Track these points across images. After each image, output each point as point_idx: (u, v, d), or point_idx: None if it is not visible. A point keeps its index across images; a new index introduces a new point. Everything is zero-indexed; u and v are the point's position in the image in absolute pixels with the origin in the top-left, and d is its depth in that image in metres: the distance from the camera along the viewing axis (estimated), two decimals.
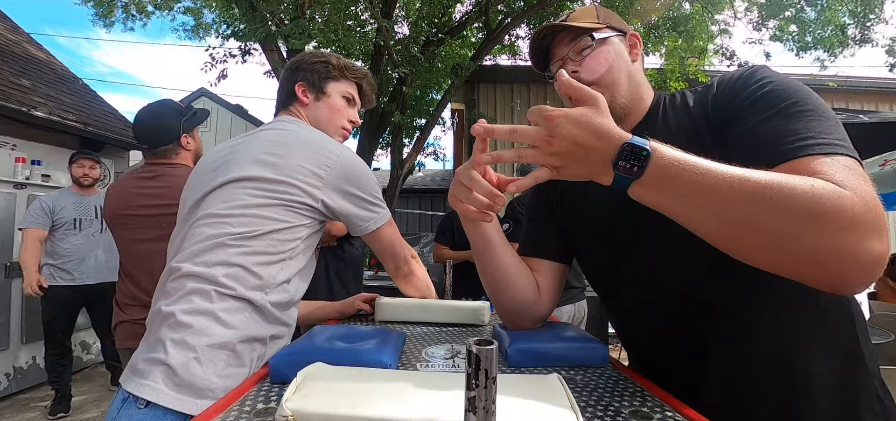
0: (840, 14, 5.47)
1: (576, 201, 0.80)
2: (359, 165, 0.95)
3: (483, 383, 0.29)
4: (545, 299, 0.80)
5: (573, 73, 0.71)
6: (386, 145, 6.46)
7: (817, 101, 0.56)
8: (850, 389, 0.60)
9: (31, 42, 5.40)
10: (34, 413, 3.10)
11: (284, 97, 1.05)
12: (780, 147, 0.53)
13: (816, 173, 0.48)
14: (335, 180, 0.90)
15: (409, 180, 6.99)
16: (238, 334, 0.78)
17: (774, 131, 0.55)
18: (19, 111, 3.47)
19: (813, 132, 0.52)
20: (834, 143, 0.51)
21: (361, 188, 0.94)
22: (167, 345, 0.73)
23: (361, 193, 0.94)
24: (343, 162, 0.91)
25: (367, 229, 0.95)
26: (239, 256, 0.81)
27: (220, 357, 0.75)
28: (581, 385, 0.59)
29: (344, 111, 1.06)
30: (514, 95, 6.37)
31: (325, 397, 0.46)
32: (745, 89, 0.61)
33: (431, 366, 0.69)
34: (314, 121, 1.03)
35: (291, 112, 1.03)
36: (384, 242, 0.99)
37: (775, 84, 0.58)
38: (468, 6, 5.87)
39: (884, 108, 6.66)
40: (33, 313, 3.46)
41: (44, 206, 2.94)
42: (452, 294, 1.37)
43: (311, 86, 1.03)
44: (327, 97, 1.04)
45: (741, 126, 0.58)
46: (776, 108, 0.56)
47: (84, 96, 4.89)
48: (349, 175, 0.92)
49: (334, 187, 0.90)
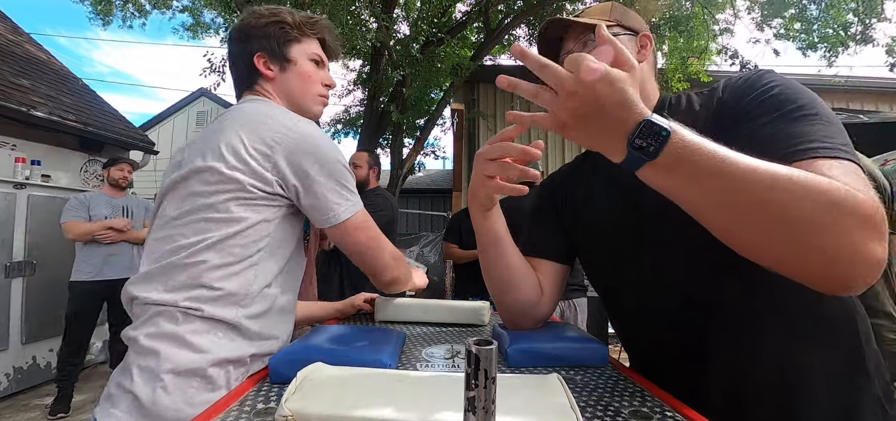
0: (843, 11, 5.47)
1: (578, 202, 0.80)
2: (322, 141, 0.77)
3: (482, 383, 0.29)
4: (547, 300, 0.80)
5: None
6: (386, 145, 6.46)
7: (822, 106, 0.57)
8: (851, 393, 0.59)
9: (31, 42, 5.39)
10: (34, 413, 3.10)
11: (244, 75, 0.88)
12: (786, 148, 0.53)
13: (823, 175, 0.48)
14: (288, 153, 0.74)
15: (409, 180, 6.99)
16: (209, 358, 0.67)
17: (780, 133, 0.55)
18: (19, 111, 3.47)
19: (818, 136, 0.52)
20: (838, 148, 0.51)
21: (324, 166, 0.76)
22: (133, 372, 0.67)
23: (322, 175, 0.76)
24: (299, 134, 0.75)
25: (329, 220, 0.77)
26: (200, 274, 0.70)
27: (190, 384, 0.66)
28: (581, 385, 0.59)
29: (315, 75, 0.90)
30: (513, 96, 6.35)
31: (325, 398, 0.46)
32: (751, 92, 0.61)
33: (431, 366, 0.69)
34: (286, 96, 0.88)
35: (257, 92, 0.87)
36: (356, 239, 0.81)
37: (782, 87, 0.59)
38: (468, 6, 5.87)
39: (884, 107, 6.66)
40: (34, 314, 3.47)
41: (81, 201, 3.10)
42: (455, 294, 1.37)
43: (272, 55, 0.86)
44: (294, 65, 0.88)
45: (747, 127, 0.59)
46: (782, 110, 0.56)
47: (84, 96, 4.89)
48: (307, 149, 0.75)
49: (287, 161, 0.74)
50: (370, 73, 5.10)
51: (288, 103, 0.87)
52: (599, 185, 0.77)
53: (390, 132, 5.76)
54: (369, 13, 4.66)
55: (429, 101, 6.48)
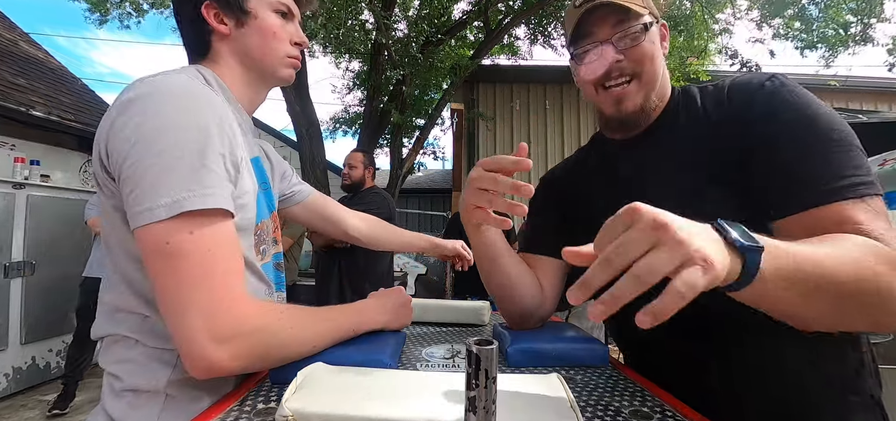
0: (842, 11, 5.48)
1: (579, 200, 0.80)
2: (141, 115, 0.52)
3: (483, 383, 0.29)
4: (548, 298, 0.80)
5: (616, 62, 0.66)
6: (385, 145, 6.46)
7: (842, 126, 0.56)
8: (852, 395, 0.60)
9: (30, 42, 5.39)
10: (33, 413, 3.10)
11: (191, 37, 0.70)
12: (815, 189, 0.53)
13: (855, 223, 0.50)
14: (102, 139, 0.55)
15: (409, 180, 6.99)
16: (166, 378, 0.58)
17: (808, 170, 0.55)
18: (18, 111, 3.47)
19: (843, 171, 0.53)
20: (862, 183, 0.52)
21: (131, 151, 0.51)
22: (105, 391, 0.61)
23: (126, 161, 0.51)
24: (119, 106, 0.53)
25: (133, 222, 0.52)
26: (131, 301, 0.58)
27: (155, 403, 0.58)
28: (581, 385, 0.59)
29: (281, 31, 0.71)
30: (513, 95, 6.37)
31: (325, 397, 0.46)
32: (772, 113, 0.59)
33: (431, 366, 0.69)
34: (244, 59, 0.70)
35: (210, 58, 0.69)
36: (158, 262, 0.51)
37: (803, 110, 0.58)
38: (467, 5, 5.87)
39: (883, 107, 6.66)
40: (33, 314, 3.46)
41: None
42: (455, 294, 1.37)
43: (225, 6, 0.67)
44: (253, 18, 0.69)
45: (770, 155, 0.58)
46: (808, 140, 0.56)
47: (83, 96, 4.89)
48: (117, 129, 0.52)
49: (102, 151, 0.55)
50: (370, 72, 5.10)
51: (245, 68, 0.70)
52: (600, 184, 0.77)
53: (390, 132, 5.76)
54: (369, 11, 4.66)
55: (428, 101, 6.47)
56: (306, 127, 4.89)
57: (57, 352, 3.68)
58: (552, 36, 6.02)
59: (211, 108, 0.56)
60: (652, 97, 0.68)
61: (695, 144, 0.65)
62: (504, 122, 6.29)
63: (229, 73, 0.70)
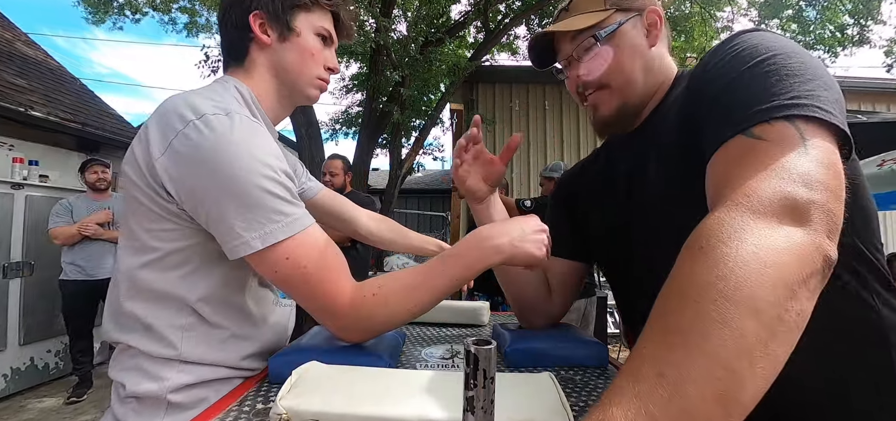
0: (840, 12, 5.49)
1: (590, 201, 0.79)
2: (216, 146, 0.55)
3: (481, 383, 0.29)
4: (557, 297, 0.80)
5: (577, 76, 0.67)
6: (385, 145, 6.46)
7: (781, 51, 0.45)
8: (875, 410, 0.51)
9: (29, 42, 5.38)
10: (32, 414, 3.09)
11: (234, 40, 0.71)
12: (716, 129, 0.45)
13: (724, 182, 0.40)
14: (173, 167, 0.56)
15: (409, 180, 7.00)
16: (168, 385, 0.60)
17: (722, 106, 0.46)
18: (17, 111, 3.47)
19: (757, 99, 0.42)
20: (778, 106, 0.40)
21: (216, 181, 0.55)
22: (112, 396, 0.64)
23: (217, 192, 0.55)
24: (187, 138, 0.55)
25: (232, 252, 0.57)
26: (137, 307, 0.61)
27: (157, 409, 0.60)
28: (581, 385, 0.59)
29: (319, 55, 0.73)
30: (512, 95, 6.37)
31: (320, 395, 0.46)
32: (720, 57, 0.51)
33: (430, 366, 0.69)
34: (279, 72, 0.72)
35: (245, 66, 0.71)
36: (277, 276, 0.59)
37: (746, 43, 0.48)
38: (467, 6, 5.88)
39: (881, 107, 6.67)
40: (31, 315, 3.46)
41: (65, 206, 3.18)
42: (454, 294, 1.38)
43: (272, 17, 0.69)
44: (296, 35, 0.71)
45: (703, 101, 0.51)
46: (730, 76, 0.47)
47: (82, 96, 4.88)
48: (200, 159, 0.55)
49: (172, 176, 0.56)
50: (369, 73, 5.11)
51: (279, 82, 0.73)
52: (601, 184, 0.76)
53: (389, 132, 5.76)
54: (368, 14, 4.66)
55: (427, 101, 6.48)
56: (306, 127, 4.90)
57: (56, 352, 3.67)
58: None
59: (267, 139, 0.61)
60: (631, 97, 0.65)
61: (681, 128, 0.59)
62: (503, 122, 6.29)
63: (262, 86, 0.71)
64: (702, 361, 0.29)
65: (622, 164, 0.71)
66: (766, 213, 0.35)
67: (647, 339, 0.32)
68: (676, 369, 0.29)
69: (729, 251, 0.32)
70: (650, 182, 0.62)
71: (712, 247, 0.33)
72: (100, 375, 3.52)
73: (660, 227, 0.60)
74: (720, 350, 0.29)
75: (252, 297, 0.69)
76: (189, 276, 0.61)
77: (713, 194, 0.42)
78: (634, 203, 0.65)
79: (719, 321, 0.30)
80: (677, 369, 0.29)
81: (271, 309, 0.74)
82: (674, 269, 0.35)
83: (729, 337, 0.29)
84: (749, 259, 0.32)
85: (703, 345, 0.29)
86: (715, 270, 0.32)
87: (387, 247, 1.21)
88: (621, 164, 0.71)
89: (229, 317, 0.65)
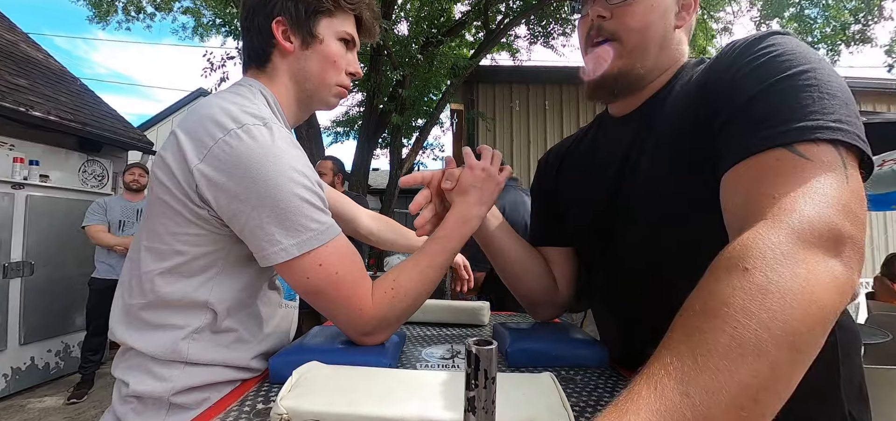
0: (842, 10, 5.49)
1: (567, 185, 0.78)
2: (258, 156, 0.57)
3: (483, 383, 0.29)
4: (563, 287, 0.80)
5: (599, 17, 0.62)
6: (385, 145, 6.46)
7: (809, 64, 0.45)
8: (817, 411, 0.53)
9: (30, 42, 5.38)
10: (32, 414, 3.09)
11: (256, 45, 0.71)
12: (738, 140, 0.44)
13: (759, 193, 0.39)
14: (212, 173, 0.57)
15: None
16: (172, 386, 0.60)
17: (753, 116, 0.45)
18: (17, 111, 3.46)
19: (787, 113, 0.42)
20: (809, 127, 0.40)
21: (257, 190, 0.56)
22: (114, 394, 0.64)
23: (257, 200, 0.57)
24: (229, 147, 0.56)
25: (268, 259, 0.59)
26: (142, 309, 0.62)
27: (159, 410, 0.61)
28: (581, 385, 0.59)
29: (342, 60, 0.73)
30: (513, 95, 6.37)
31: (321, 395, 0.46)
32: (737, 60, 0.50)
33: (431, 366, 0.69)
34: (301, 76, 0.71)
35: (267, 71, 0.71)
36: (307, 283, 0.60)
37: (767, 52, 0.47)
38: (467, 6, 5.88)
39: (881, 108, 6.67)
40: (32, 315, 3.46)
41: (100, 205, 3.36)
42: (455, 294, 1.36)
43: (295, 24, 0.69)
44: (318, 42, 0.70)
45: (720, 104, 0.50)
46: (766, 80, 0.46)
47: (82, 96, 4.88)
48: (243, 167, 0.56)
49: (210, 182, 0.57)
50: (369, 73, 5.12)
51: (299, 89, 0.72)
52: (584, 169, 0.75)
53: (389, 133, 5.76)
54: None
55: (427, 101, 6.48)
56: (305, 127, 4.89)
57: (56, 352, 3.68)
58: (552, 36, 6.02)
59: (300, 149, 0.64)
60: (637, 66, 0.62)
61: (683, 111, 0.58)
62: (503, 122, 6.29)
63: (284, 91, 0.72)
64: (731, 389, 0.28)
65: (613, 146, 0.68)
66: (812, 241, 0.35)
67: (674, 350, 0.31)
68: (704, 394, 0.28)
69: (776, 280, 0.32)
70: (642, 170, 0.61)
71: (758, 270, 0.33)
72: (100, 376, 3.53)
73: (648, 214, 0.60)
74: (752, 381, 0.29)
75: (263, 300, 0.71)
76: (210, 280, 0.62)
77: (745, 202, 0.42)
78: (624, 186, 0.64)
79: (755, 352, 0.29)
80: (705, 394, 0.28)
81: (277, 311, 0.75)
82: (709, 280, 0.34)
83: (763, 369, 0.29)
84: (797, 293, 0.32)
85: (736, 373, 0.29)
86: (759, 298, 0.31)
87: (387, 247, 1.21)
88: (612, 145, 0.69)
89: (242, 320, 0.67)
